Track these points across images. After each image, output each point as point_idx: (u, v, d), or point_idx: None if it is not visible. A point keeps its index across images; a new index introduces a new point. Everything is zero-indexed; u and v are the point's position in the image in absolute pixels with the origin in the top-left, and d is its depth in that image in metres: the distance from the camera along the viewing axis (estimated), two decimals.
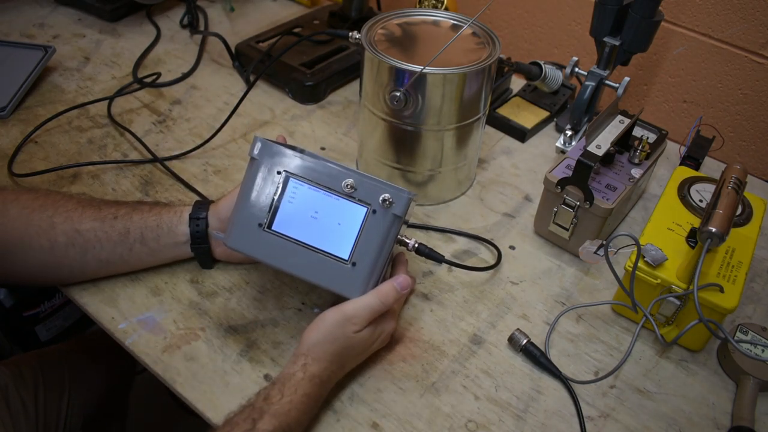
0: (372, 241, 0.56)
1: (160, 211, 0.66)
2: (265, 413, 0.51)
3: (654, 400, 0.63)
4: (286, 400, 0.53)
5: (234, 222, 0.59)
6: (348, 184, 0.55)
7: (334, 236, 0.56)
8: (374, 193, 0.55)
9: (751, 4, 0.87)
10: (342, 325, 0.56)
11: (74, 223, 0.63)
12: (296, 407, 0.53)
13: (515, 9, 1.11)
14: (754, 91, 0.92)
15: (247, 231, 0.58)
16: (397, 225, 0.56)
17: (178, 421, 1.32)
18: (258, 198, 0.58)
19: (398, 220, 0.56)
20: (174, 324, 0.65)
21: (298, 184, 0.57)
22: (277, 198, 0.57)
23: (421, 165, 0.79)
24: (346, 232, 0.56)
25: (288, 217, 0.57)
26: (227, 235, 0.59)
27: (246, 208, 0.58)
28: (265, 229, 0.58)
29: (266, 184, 0.58)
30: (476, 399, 0.62)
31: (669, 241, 0.67)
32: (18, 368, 0.83)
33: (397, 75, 0.70)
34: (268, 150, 0.57)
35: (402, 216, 0.56)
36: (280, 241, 0.58)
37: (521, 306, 0.71)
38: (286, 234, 0.57)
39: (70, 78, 1.00)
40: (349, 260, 0.56)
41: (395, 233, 0.57)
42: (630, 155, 0.78)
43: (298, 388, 0.54)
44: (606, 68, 0.88)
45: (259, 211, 0.58)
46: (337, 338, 0.56)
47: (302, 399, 0.54)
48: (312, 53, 1.02)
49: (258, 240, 0.58)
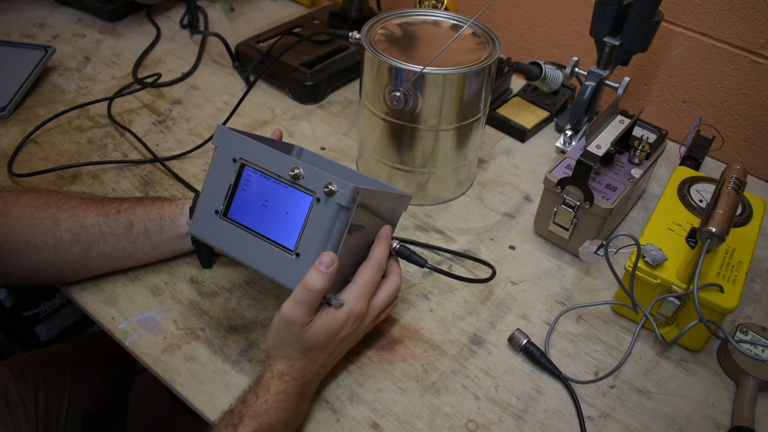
0: (317, 231, 0.54)
1: (162, 204, 0.66)
2: (244, 416, 0.52)
3: (654, 400, 0.63)
4: (261, 401, 0.53)
5: (197, 210, 0.58)
6: (294, 172, 0.54)
7: (282, 225, 0.55)
8: (319, 182, 0.53)
9: (751, 4, 0.87)
10: (286, 327, 0.54)
11: (79, 219, 0.63)
12: (273, 406, 0.53)
13: (515, 9, 1.11)
14: (754, 91, 0.92)
15: (207, 219, 0.58)
16: (344, 216, 0.54)
17: (178, 421, 1.33)
18: (217, 185, 0.57)
19: (344, 210, 0.53)
20: (174, 324, 0.66)
21: (251, 171, 0.56)
22: (232, 185, 0.57)
23: (421, 165, 0.79)
24: (293, 222, 0.55)
25: (242, 205, 0.57)
26: (192, 222, 0.59)
27: (208, 196, 0.58)
28: (222, 216, 0.57)
29: (224, 172, 0.57)
30: (476, 399, 0.62)
31: (669, 241, 0.67)
32: (18, 368, 0.83)
33: (397, 75, 0.70)
34: (227, 138, 0.57)
35: (347, 206, 0.53)
36: (234, 228, 0.57)
37: (521, 306, 0.71)
38: (240, 221, 0.57)
39: (70, 78, 1.00)
40: (294, 250, 0.55)
41: (342, 224, 0.54)
42: (630, 155, 0.78)
43: (270, 387, 0.54)
44: (606, 68, 0.88)
45: (217, 198, 0.57)
46: (287, 340, 0.54)
47: (277, 397, 0.53)
48: (312, 53, 1.02)
49: (216, 228, 0.57)
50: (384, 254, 0.59)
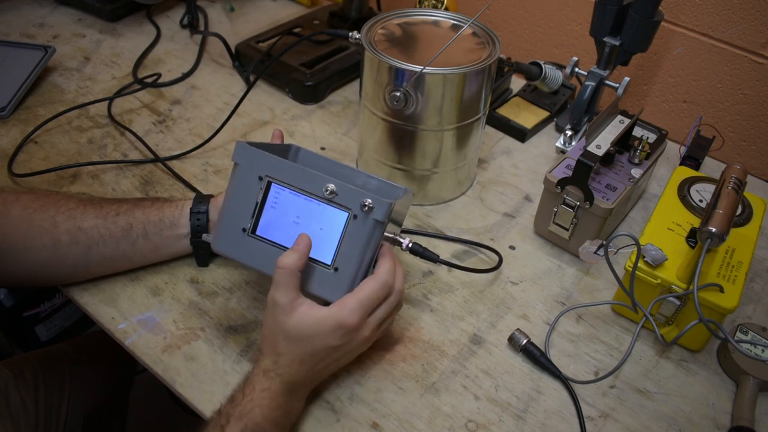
0: (354, 246, 0.56)
1: (162, 205, 0.66)
2: (231, 416, 0.52)
3: (654, 400, 0.63)
4: (247, 399, 0.53)
5: (219, 226, 0.59)
6: (328, 190, 0.55)
7: (317, 241, 0.56)
8: (355, 199, 0.55)
9: (751, 4, 0.87)
10: (270, 313, 0.54)
11: (77, 221, 0.63)
12: (259, 404, 0.52)
13: (515, 9, 1.11)
14: (754, 91, 0.92)
15: (232, 235, 0.58)
16: (380, 230, 0.56)
17: (178, 421, 1.33)
18: (241, 203, 0.58)
19: (379, 225, 0.55)
20: (174, 324, 0.66)
21: (280, 189, 0.57)
22: (259, 203, 0.57)
23: (421, 165, 0.79)
24: (329, 237, 0.56)
25: (271, 222, 0.57)
26: (213, 239, 0.59)
27: (230, 213, 0.58)
28: (249, 234, 0.58)
29: (249, 189, 0.57)
30: (476, 399, 0.62)
31: (669, 241, 0.67)
32: (18, 368, 0.83)
33: (397, 75, 0.70)
34: (250, 155, 0.57)
35: (383, 221, 0.55)
36: (264, 246, 0.57)
37: (521, 306, 0.71)
38: (270, 239, 0.57)
39: (70, 78, 1.00)
40: (332, 265, 0.56)
41: (378, 238, 0.56)
42: (630, 155, 0.78)
43: (255, 385, 0.54)
44: (606, 68, 0.88)
45: (242, 216, 0.58)
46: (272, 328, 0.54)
47: (262, 395, 0.53)
48: (312, 53, 1.02)
49: (242, 244, 0.58)
50: (391, 272, 0.57)
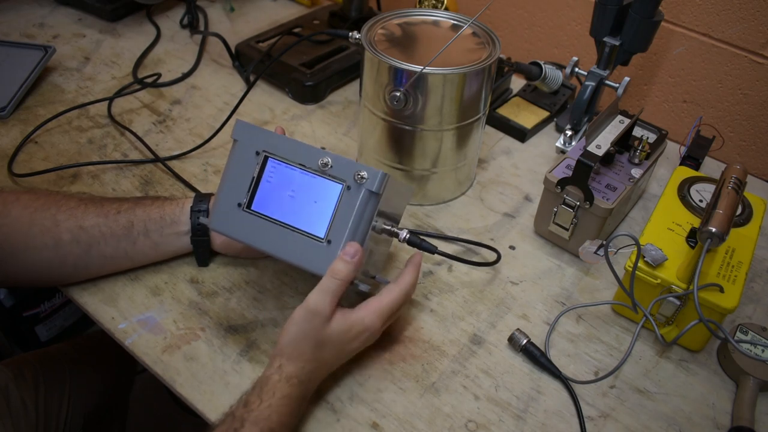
0: (347, 217, 0.55)
1: (163, 204, 0.67)
2: (245, 421, 0.51)
3: (654, 400, 0.63)
4: (265, 405, 0.52)
5: (216, 204, 0.59)
6: (323, 162, 0.55)
7: (311, 214, 0.56)
8: (349, 170, 0.55)
9: (751, 4, 0.87)
10: (309, 320, 0.54)
11: (78, 220, 0.63)
12: (276, 411, 0.52)
13: (515, 9, 1.11)
14: (754, 91, 0.92)
15: (228, 212, 0.58)
16: (374, 202, 0.56)
17: (178, 421, 1.33)
18: (238, 178, 0.58)
19: (374, 196, 0.55)
20: (174, 324, 0.66)
21: (276, 163, 0.57)
22: (255, 177, 0.58)
23: (421, 165, 0.79)
24: (323, 210, 0.56)
25: (267, 197, 0.58)
26: (210, 218, 0.60)
27: (227, 189, 0.58)
28: (245, 209, 0.58)
29: (246, 165, 0.58)
30: (476, 399, 0.62)
31: (669, 241, 0.67)
32: (18, 368, 0.83)
33: (397, 75, 0.70)
34: (249, 131, 0.58)
35: (377, 192, 0.55)
36: (259, 220, 0.58)
37: (521, 306, 0.71)
38: (265, 213, 0.58)
39: (70, 78, 1.00)
40: (325, 238, 0.56)
41: (372, 210, 0.56)
42: (630, 155, 0.78)
43: (276, 391, 0.53)
44: (606, 68, 0.88)
45: (239, 191, 0.58)
46: (307, 334, 0.54)
47: (282, 401, 0.53)
48: (312, 53, 1.02)
49: (238, 220, 0.58)
50: (414, 284, 0.61)
